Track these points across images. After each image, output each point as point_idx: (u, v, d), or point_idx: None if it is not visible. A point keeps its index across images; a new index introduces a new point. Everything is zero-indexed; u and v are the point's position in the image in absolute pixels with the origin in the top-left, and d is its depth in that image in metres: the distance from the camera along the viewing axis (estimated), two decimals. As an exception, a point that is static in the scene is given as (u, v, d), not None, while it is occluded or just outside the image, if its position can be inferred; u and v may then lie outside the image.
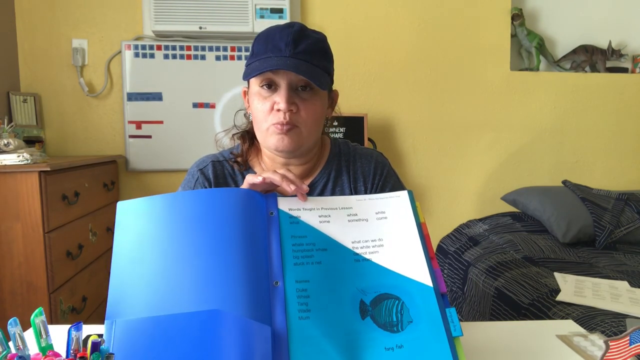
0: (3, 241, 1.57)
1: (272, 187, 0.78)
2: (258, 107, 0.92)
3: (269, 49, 0.90)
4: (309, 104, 0.91)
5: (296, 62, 0.88)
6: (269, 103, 0.91)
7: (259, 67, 0.89)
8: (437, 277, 0.67)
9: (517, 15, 2.56)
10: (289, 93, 0.89)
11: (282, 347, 0.59)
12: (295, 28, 0.90)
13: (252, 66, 0.91)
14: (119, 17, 2.33)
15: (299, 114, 0.91)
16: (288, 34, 0.89)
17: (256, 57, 0.91)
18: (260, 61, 0.90)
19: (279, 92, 0.90)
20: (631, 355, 0.60)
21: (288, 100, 0.89)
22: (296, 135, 0.92)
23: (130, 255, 0.66)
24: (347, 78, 2.49)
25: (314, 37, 0.92)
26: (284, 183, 0.74)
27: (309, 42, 0.90)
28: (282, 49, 0.88)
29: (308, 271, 0.66)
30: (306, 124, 0.92)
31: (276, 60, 0.88)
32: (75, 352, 0.59)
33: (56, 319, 1.62)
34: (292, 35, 0.89)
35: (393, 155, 2.55)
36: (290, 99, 0.89)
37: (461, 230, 2.47)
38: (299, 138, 0.92)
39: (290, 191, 0.74)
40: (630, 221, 2.22)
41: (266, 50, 0.90)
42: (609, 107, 2.68)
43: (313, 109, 0.92)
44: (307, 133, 0.93)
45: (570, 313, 1.42)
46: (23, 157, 1.61)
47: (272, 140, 0.92)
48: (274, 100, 0.90)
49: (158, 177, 2.40)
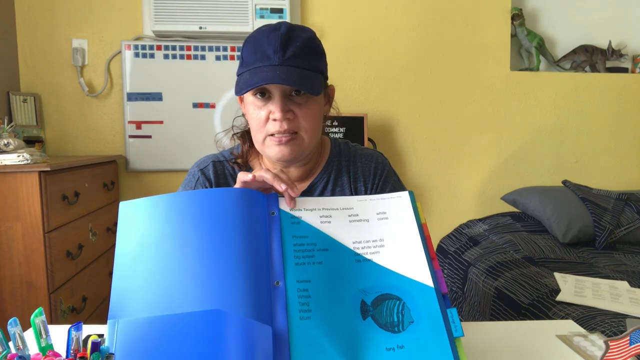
0: (3, 241, 1.57)
1: (267, 186, 0.77)
2: (254, 116, 0.91)
3: (257, 58, 0.87)
4: (305, 108, 0.90)
5: (287, 70, 0.85)
6: (265, 112, 0.89)
7: (249, 81, 0.86)
8: (438, 278, 0.67)
9: (517, 15, 2.56)
10: (283, 102, 0.88)
11: (283, 347, 0.59)
12: (282, 31, 0.88)
13: (243, 78, 0.89)
14: (119, 17, 2.33)
15: (296, 120, 0.89)
16: (275, 38, 0.87)
17: (246, 67, 0.89)
18: (250, 72, 0.88)
19: (273, 101, 0.88)
20: (631, 355, 0.60)
21: (283, 109, 0.87)
22: (296, 144, 0.91)
23: (132, 255, 0.66)
24: (347, 78, 2.49)
25: (302, 37, 0.89)
26: (275, 182, 0.73)
27: (297, 44, 0.88)
28: (271, 56, 0.86)
29: (309, 271, 0.66)
30: (305, 129, 0.91)
31: (266, 72, 0.85)
32: (75, 352, 0.60)
33: (56, 319, 1.62)
34: (279, 41, 0.86)
35: (393, 155, 2.55)
36: (285, 107, 0.88)
37: (461, 230, 2.47)
38: (300, 146, 0.91)
39: (281, 190, 0.73)
40: (630, 221, 2.22)
41: (255, 59, 0.88)
42: (609, 107, 2.68)
43: (310, 113, 0.90)
44: (308, 138, 0.92)
45: (570, 313, 1.43)
46: (23, 157, 1.61)
47: (272, 152, 0.91)
48: (269, 109, 0.89)
49: (158, 177, 2.40)
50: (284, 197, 0.73)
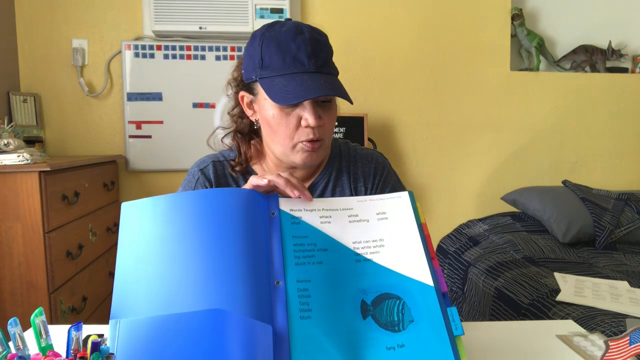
0: (3, 241, 1.57)
1: (275, 189, 0.78)
2: (281, 122, 0.89)
3: (288, 62, 0.86)
4: (330, 115, 0.92)
5: (324, 78, 0.86)
6: (294, 119, 0.89)
7: (295, 91, 0.84)
8: (438, 277, 0.67)
9: (517, 15, 2.56)
10: (315, 110, 0.88)
11: (283, 347, 0.59)
12: (307, 35, 0.87)
13: (278, 84, 0.86)
14: (119, 17, 2.33)
15: (324, 127, 0.91)
16: (304, 43, 0.86)
17: (276, 71, 0.86)
18: (284, 78, 0.85)
19: (305, 108, 0.88)
20: (631, 355, 0.60)
21: (317, 117, 0.88)
22: (322, 150, 0.93)
23: (134, 255, 0.67)
24: (347, 78, 2.49)
25: (323, 41, 0.90)
26: (288, 188, 0.74)
27: (324, 48, 0.89)
28: (305, 63, 0.86)
29: (309, 271, 0.66)
30: (329, 134, 0.93)
31: (309, 82, 0.84)
32: (75, 352, 0.60)
33: (56, 319, 1.62)
34: (310, 46, 0.86)
35: (393, 155, 2.55)
36: (317, 114, 0.88)
37: (461, 230, 2.47)
38: (324, 151, 0.94)
39: (294, 197, 0.74)
40: (630, 221, 2.22)
41: (284, 63, 0.86)
42: (609, 107, 2.68)
43: (334, 118, 0.93)
44: (328, 143, 0.95)
45: (570, 313, 1.43)
46: (23, 157, 1.61)
47: (300, 157, 0.91)
48: (300, 115, 0.88)
49: (158, 177, 2.40)
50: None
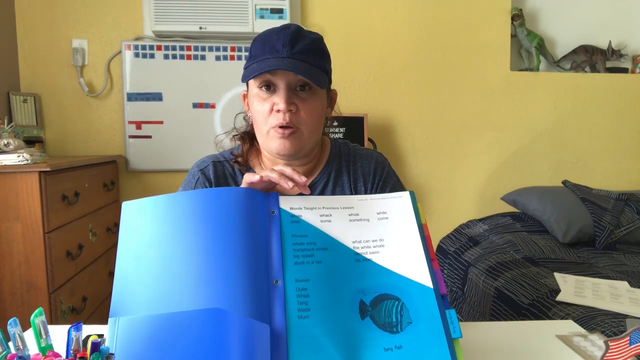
0: (3, 241, 1.57)
1: (272, 185, 0.78)
2: (257, 108, 0.93)
3: (266, 51, 0.90)
4: (308, 103, 0.92)
5: (294, 62, 0.88)
6: (268, 104, 0.91)
7: (256, 68, 0.89)
8: (437, 279, 0.67)
9: (517, 16, 2.56)
10: (287, 93, 0.90)
11: (280, 346, 0.59)
12: (292, 29, 0.91)
13: (250, 68, 0.92)
14: (119, 17, 2.33)
15: (298, 114, 0.91)
16: (285, 34, 0.90)
17: (254, 60, 0.92)
18: (258, 63, 0.90)
19: (278, 92, 0.90)
20: (631, 355, 0.60)
21: (287, 101, 0.89)
22: (297, 138, 0.92)
23: (134, 254, 0.67)
24: (347, 78, 2.49)
25: (310, 38, 0.92)
26: (282, 181, 0.74)
27: (305, 42, 0.91)
28: (279, 49, 0.89)
29: (308, 270, 0.66)
30: (306, 124, 0.92)
31: (274, 61, 0.88)
32: (75, 352, 0.60)
33: (56, 319, 1.62)
34: (289, 36, 0.90)
35: (393, 155, 2.55)
36: (289, 99, 0.90)
37: (461, 230, 2.47)
38: (300, 141, 0.93)
39: (289, 188, 0.74)
40: (630, 221, 2.22)
41: (263, 52, 0.91)
42: (609, 107, 2.68)
43: (312, 109, 0.92)
44: (308, 134, 0.93)
45: (570, 313, 1.42)
46: (23, 157, 1.61)
47: (274, 144, 0.92)
48: (273, 101, 0.91)
49: (158, 177, 2.40)
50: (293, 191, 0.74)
